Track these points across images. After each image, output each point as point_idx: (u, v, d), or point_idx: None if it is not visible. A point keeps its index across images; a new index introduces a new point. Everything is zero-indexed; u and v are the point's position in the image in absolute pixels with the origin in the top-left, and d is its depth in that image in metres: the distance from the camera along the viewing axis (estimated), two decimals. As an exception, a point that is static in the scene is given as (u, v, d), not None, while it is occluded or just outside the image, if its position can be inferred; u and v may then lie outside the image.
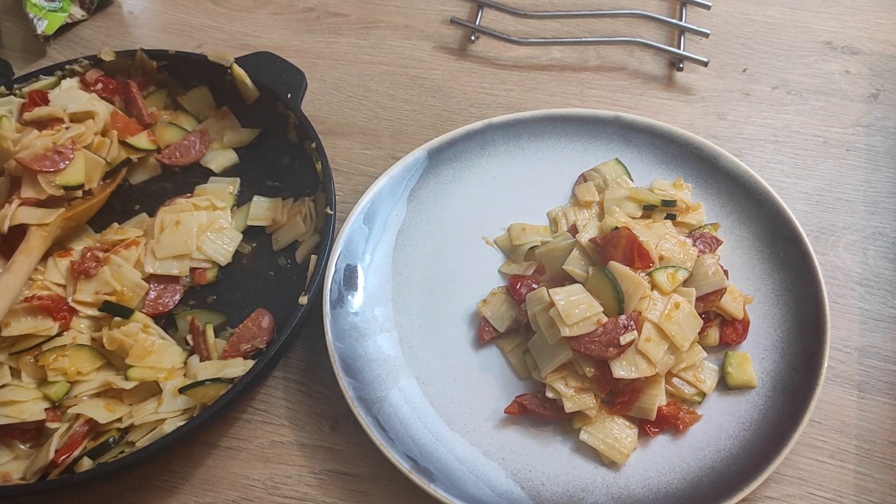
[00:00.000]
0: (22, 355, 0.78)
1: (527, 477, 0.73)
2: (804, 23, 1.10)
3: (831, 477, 0.74)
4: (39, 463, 0.72)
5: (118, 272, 0.82)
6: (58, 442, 0.73)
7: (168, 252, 0.84)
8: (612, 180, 0.89)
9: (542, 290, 0.76)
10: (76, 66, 0.96)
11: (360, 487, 0.76)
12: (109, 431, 0.75)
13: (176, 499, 0.76)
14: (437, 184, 0.91)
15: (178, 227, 0.86)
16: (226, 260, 0.87)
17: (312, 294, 0.78)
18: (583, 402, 0.73)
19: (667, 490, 0.71)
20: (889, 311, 0.83)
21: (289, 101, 0.91)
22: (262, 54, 0.96)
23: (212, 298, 0.86)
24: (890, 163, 0.95)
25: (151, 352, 0.78)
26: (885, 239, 0.89)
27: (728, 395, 0.76)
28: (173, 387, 0.76)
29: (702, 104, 1.02)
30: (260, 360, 0.73)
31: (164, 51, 0.96)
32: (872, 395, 0.78)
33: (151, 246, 0.85)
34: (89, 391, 0.77)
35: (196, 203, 0.89)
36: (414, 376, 0.79)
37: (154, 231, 0.86)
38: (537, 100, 1.04)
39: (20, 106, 0.93)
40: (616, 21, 1.12)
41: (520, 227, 0.87)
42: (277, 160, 0.95)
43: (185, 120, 0.98)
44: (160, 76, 0.99)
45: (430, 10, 1.15)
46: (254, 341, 0.80)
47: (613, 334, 0.71)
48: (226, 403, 0.71)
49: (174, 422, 0.74)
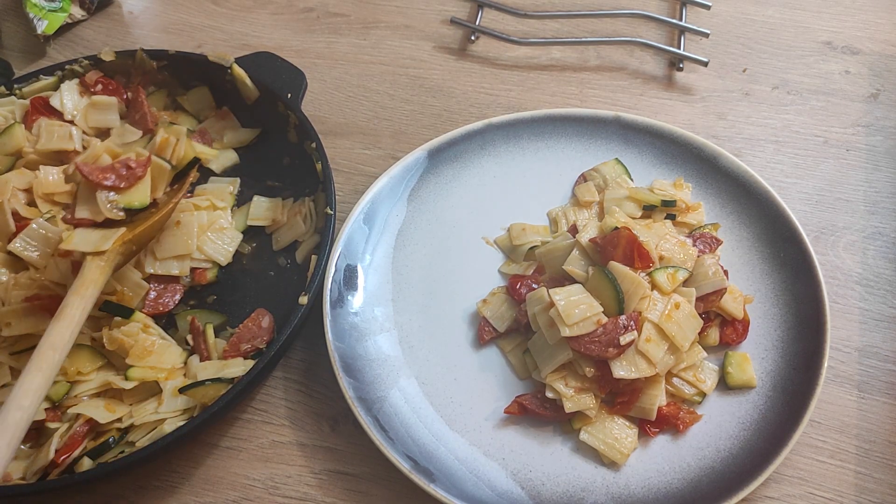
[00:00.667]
0: (22, 355, 0.78)
1: (527, 477, 0.73)
2: (804, 23, 1.10)
3: (831, 477, 0.74)
4: (39, 463, 0.72)
5: (118, 272, 0.82)
6: (58, 442, 0.73)
7: (169, 252, 0.84)
8: (612, 180, 0.89)
9: (542, 290, 0.76)
10: (76, 66, 0.96)
11: (360, 487, 0.76)
12: (109, 431, 0.75)
13: (176, 499, 0.76)
14: (437, 184, 0.91)
15: (178, 227, 0.85)
16: (226, 260, 0.87)
17: (312, 294, 0.78)
18: (583, 403, 0.73)
19: (667, 490, 0.71)
20: (889, 311, 0.83)
21: (289, 101, 0.91)
22: (262, 54, 0.96)
23: (212, 298, 0.86)
24: (890, 163, 0.95)
25: (151, 352, 0.78)
26: (885, 239, 0.89)
27: (728, 395, 0.76)
28: (173, 387, 0.76)
29: (702, 104, 1.02)
30: (260, 360, 0.73)
31: (164, 51, 0.96)
32: (872, 395, 0.78)
33: (152, 246, 0.85)
34: (89, 391, 0.77)
35: (196, 203, 0.89)
36: (414, 376, 0.79)
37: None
38: (537, 100, 1.04)
39: (23, 110, 0.93)
40: (616, 21, 1.12)
41: (520, 227, 0.87)
42: (277, 160, 0.95)
43: (185, 120, 0.98)
44: (160, 76, 0.98)
45: (430, 10, 1.15)
46: (254, 341, 0.80)
47: (613, 334, 0.71)
48: (226, 403, 0.71)
49: (174, 422, 0.74)
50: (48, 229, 0.83)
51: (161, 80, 0.99)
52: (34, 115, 0.93)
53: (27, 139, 0.91)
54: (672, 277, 0.75)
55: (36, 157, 0.91)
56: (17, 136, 0.91)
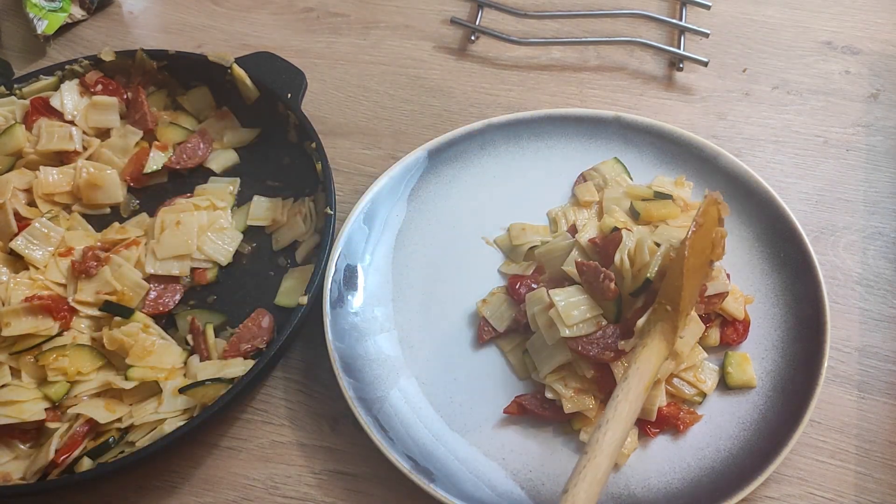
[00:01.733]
0: (22, 355, 0.78)
1: (527, 477, 0.73)
2: (804, 23, 1.10)
3: (831, 477, 0.74)
4: (39, 463, 0.72)
5: (119, 272, 0.82)
6: (58, 442, 0.73)
7: (169, 252, 0.84)
8: (612, 179, 0.89)
9: (542, 291, 0.76)
10: (76, 66, 0.96)
11: (360, 487, 0.76)
12: (109, 431, 0.75)
13: (176, 499, 0.76)
14: (437, 184, 0.91)
15: (178, 227, 0.85)
16: (226, 260, 0.87)
17: (312, 294, 0.78)
18: (582, 403, 0.73)
19: (667, 490, 0.71)
20: (889, 311, 0.83)
21: (289, 101, 0.91)
22: (261, 54, 0.96)
23: (212, 298, 0.86)
24: (890, 163, 0.95)
25: (152, 352, 0.78)
26: (885, 239, 0.89)
27: (728, 395, 0.76)
28: (173, 387, 0.76)
29: (702, 104, 1.02)
30: (260, 360, 0.73)
31: (164, 51, 0.96)
32: (872, 395, 0.78)
33: (152, 246, 0.85)
34: (89, 391, 0.77)
35: (196, 203, 0.89)
36: (414, 376, 0.79)
37: (155, 231, 0.86)
38: (537, 100, 1.03)
39: (24, 110, 0.93)
40: (616, 21, 1.12)
41: (519, 227, 0.87)
42: (278, 160, 0.95)
43: (185, 120, 0.98)
44: (160, 76, 0.99)
45: (430, 10, 1.15)
46: (254, 341, 0.80)
47: (613, 338, 0.71)
48: (226, 403, 0.71)
49: (174, 422, 0.74)
50: (50, 228, 0.84)
51: (161, 80, 0.99)
52: (34, 115, 0.93)
53: (27, 139, 0.92)
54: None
55: (36, 157, 0.91)
56: (17, 136, 0.91)
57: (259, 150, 0.97)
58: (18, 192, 0.87)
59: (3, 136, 0.91)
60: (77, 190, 0.90)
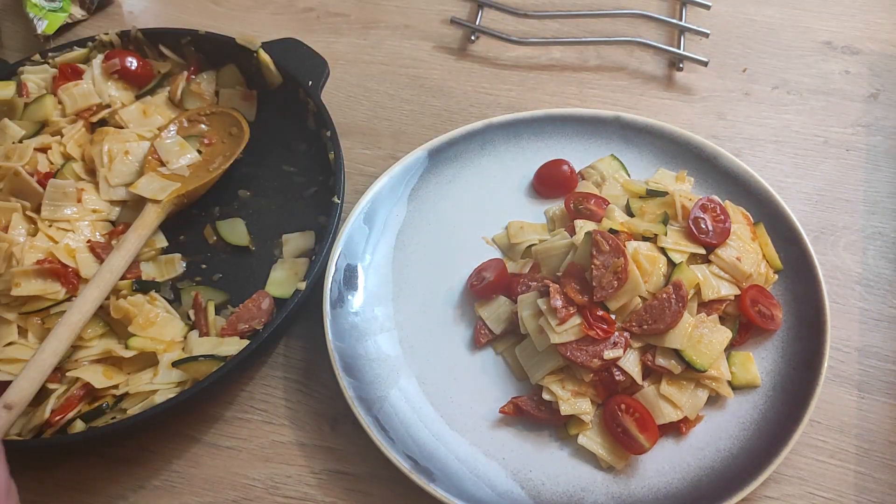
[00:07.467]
0: (30, 316, 0.79)
1: (527, 477, 0.73)
2: (804, 23, 1.10)
3: (831, 477, 0.74)
4: (35, 421, 0.73)
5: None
6: (54, 402, 0.74)
7: (121, 180, 0.89)
8: (610, 176, 0.89)
9: (533, 295, 0.76)
10: (108, 36, 0.99)
11: (360, 487, 0.76)
12: (105, 397, 0.76)
13: (176, 499, 0.76)
14: (437, 184, 0.91)
15: (127, 156, 0.90)
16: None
17: (311, 280, 0.79)
18: (579, 407, 0.73)
19: (667, 490, 0.71)
20: (889, 311, 0.83)
21: (309, 88, 0.93)
22: (288, 40, 0.98)
23: (218, 276, 0.87)
24: (890, 163, 0.95)
25: (154, 323, 0.80)
26: (885, 239, 0.89)
27: (728, 394, 0.76)
28: (170, 359, 0.77)
29: (702, 104, 1.02)
30: (254, 341, 0.75)
31: (195, 30, 0.99)
32: (872, 395, 0.78)
33: (104, 174, 0.88)
34: (90, 356, 0.78)
35: (141, 134, 0.93)
36: (414, 376, 0.79)
37: (103, 159, 0.89)
38: (537, 100, 1.04)
39: (52, 78, 0.96)
40: (616, 21, 1.12)
41: (518, 226, 0.87)
42: (295, 146, 0.96)
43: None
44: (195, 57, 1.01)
45: (430, 10, 1.15)
46: (252, 322, 0.80)
47: (601, 346, 0.72)
48: (215, 380, 0.72)
49: (166, 393, 0.75)
50: (64, 186, 0.87)
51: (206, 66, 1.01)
52: (61, 80, 0.96)
53: (55, 107, 0.94)
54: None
55: (63, 123, 0.93)
56: (46, 105, 0.94)
57: (279, 135, 0.97)
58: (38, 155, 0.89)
59: (34, 104, 0.94)
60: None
